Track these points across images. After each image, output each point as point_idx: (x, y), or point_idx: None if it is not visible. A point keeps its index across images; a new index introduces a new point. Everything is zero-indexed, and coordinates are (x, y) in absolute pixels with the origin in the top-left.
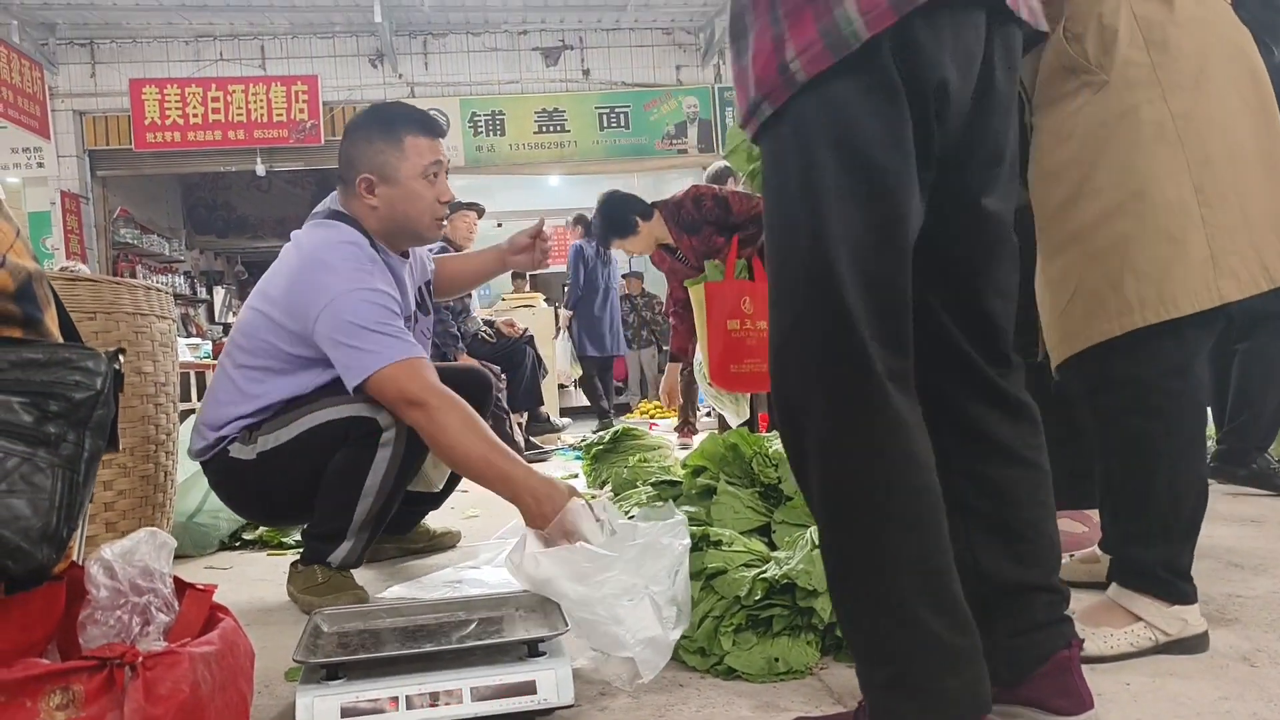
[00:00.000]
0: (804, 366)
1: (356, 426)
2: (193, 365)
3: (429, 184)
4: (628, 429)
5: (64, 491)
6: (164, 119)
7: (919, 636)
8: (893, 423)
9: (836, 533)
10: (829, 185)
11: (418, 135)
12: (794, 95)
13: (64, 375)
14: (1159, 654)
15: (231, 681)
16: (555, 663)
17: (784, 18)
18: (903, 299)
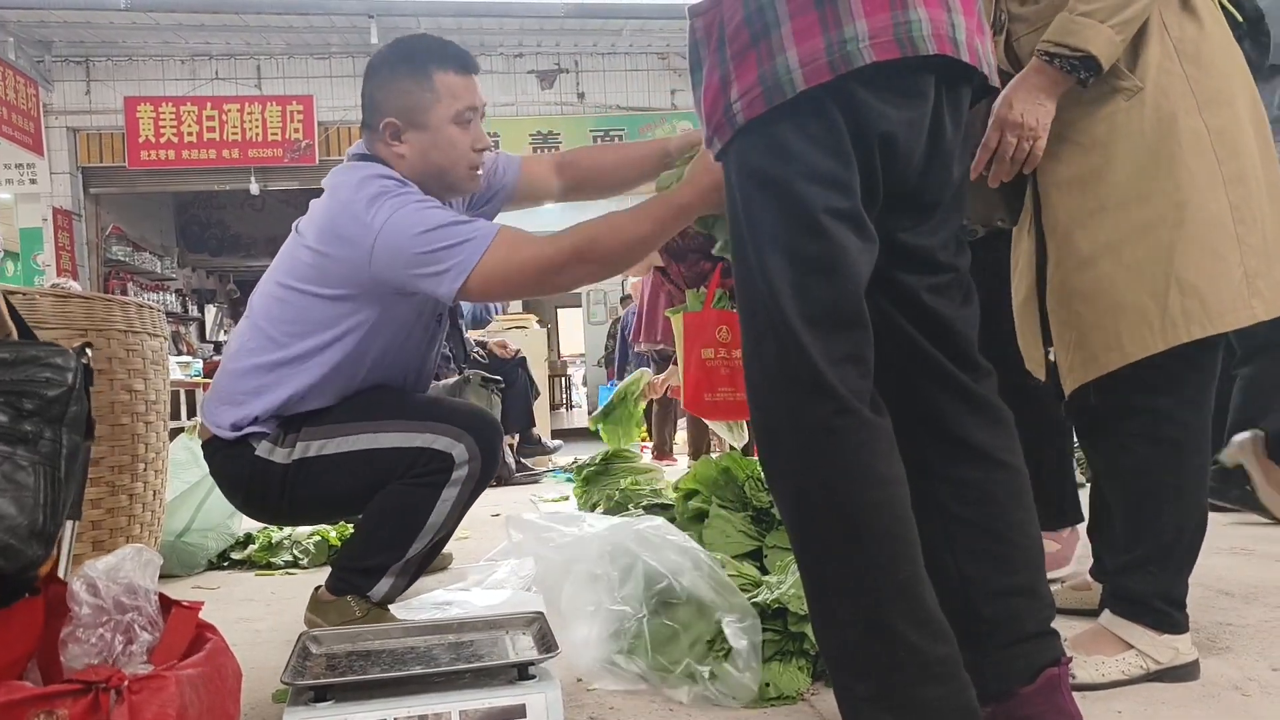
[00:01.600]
0: (768, 388)
1: (428, 460)
2: (183, 383)
3: (463, 130)
4: (619, 451)
5: (47, 488)
6: (158, 137)
7: (896, 648)
8: (853, 443)
9: (807, 549)
10: (766, 221)
11: (450, 72)
12: (736, 133)
13: (34, 373)
14: (1151, 682)
15: (219, 704)
16: (546, 686)
17: (731, 59)
18: (852, 322)
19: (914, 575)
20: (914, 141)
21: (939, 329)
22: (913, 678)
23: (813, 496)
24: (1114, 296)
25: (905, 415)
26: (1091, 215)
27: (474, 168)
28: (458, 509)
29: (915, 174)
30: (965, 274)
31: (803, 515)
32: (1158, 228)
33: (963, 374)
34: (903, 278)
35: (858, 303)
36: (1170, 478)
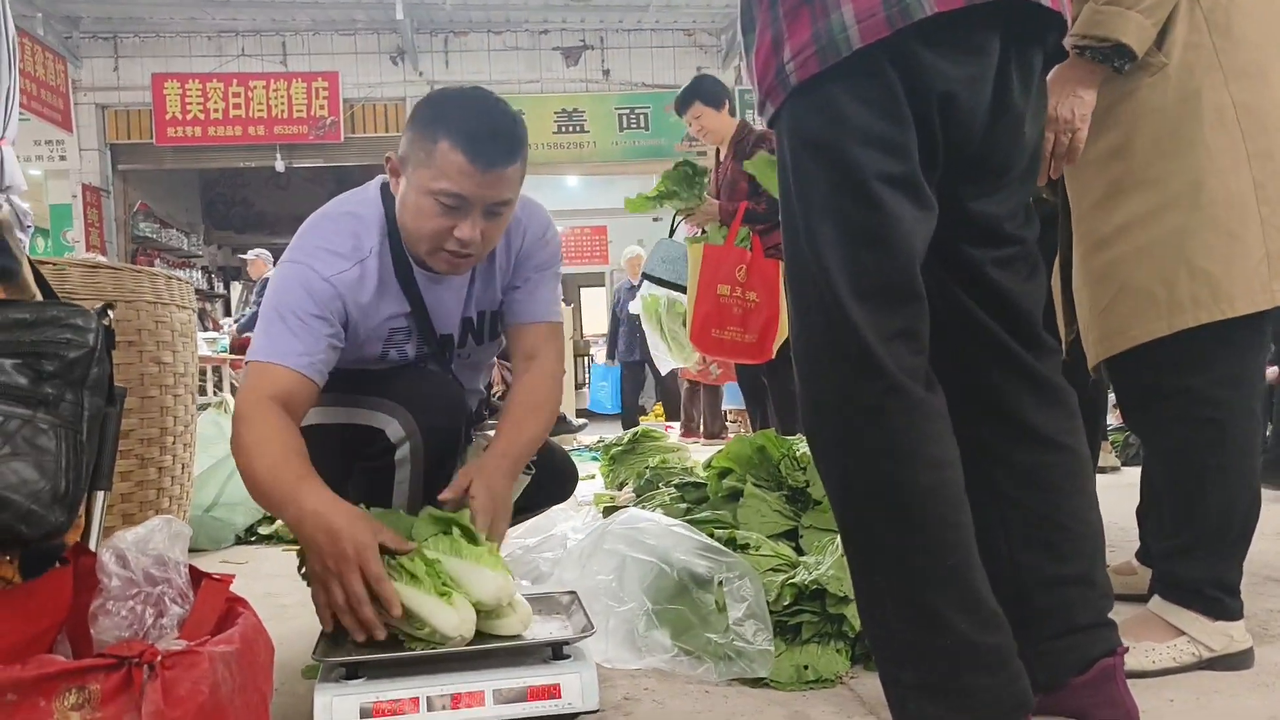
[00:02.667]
0: (814, 364)
1: (361, 440)
2: (209, 359)
3: (441, 209)
4: (646, 431)
5: (69, 452)
6: (185, 114)
7: (944, 636)
8: (903, 423)
9: (854, 532)
10: (819, 187)
11: (458, 151)
12: (789, 96)
13: (54, 334)
14: (1202, 670)
15: (251, 681)
16: (580, 666)
17: (783, 17)
18: (906, 296)
19: (964, 561)
20: (977, 100)
21: (1001, 304)
22: (961, 666)
23: (859, 478)
24: (1125, 279)
25: (961, 393)
26: (1110, 196)
27: (445, 249)
28: (419, 485)
29: (979, 136)
30: (1033, 246)
31: (849, 497)
32: (1171, 209)
33: (1025, 351)
34: (966, 249)
35: (911, 275)
36: (1212, 458)
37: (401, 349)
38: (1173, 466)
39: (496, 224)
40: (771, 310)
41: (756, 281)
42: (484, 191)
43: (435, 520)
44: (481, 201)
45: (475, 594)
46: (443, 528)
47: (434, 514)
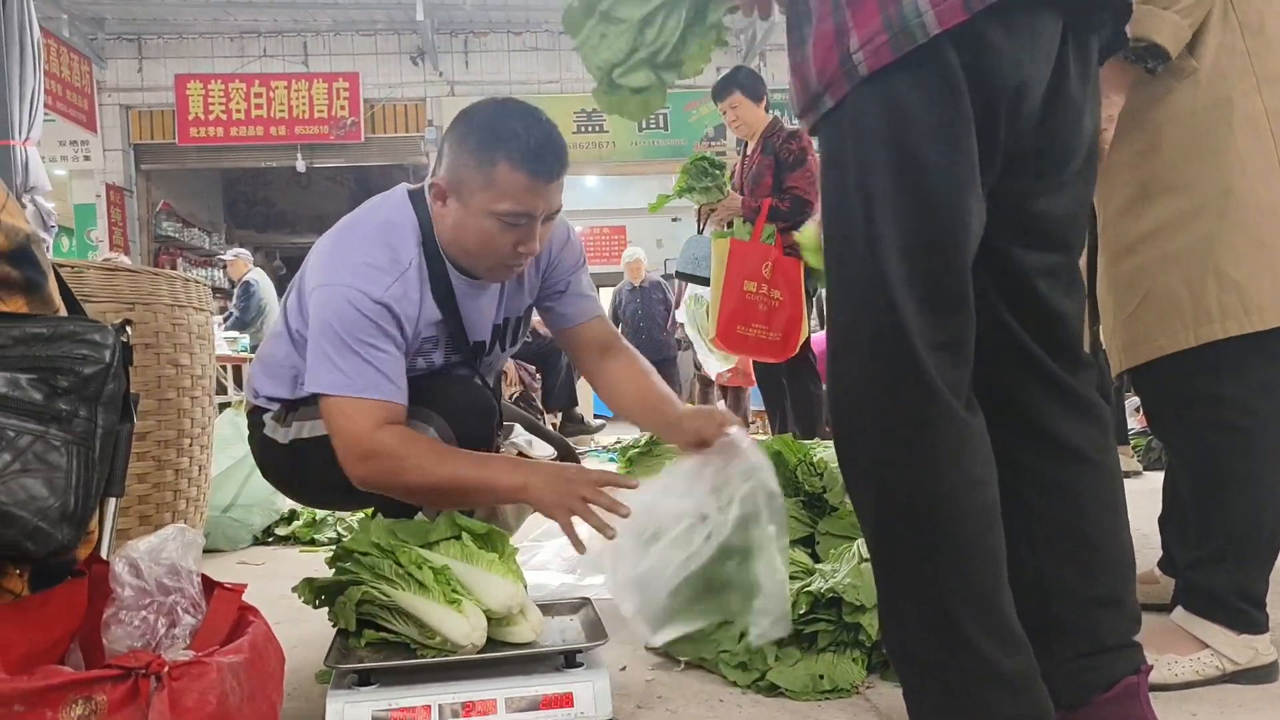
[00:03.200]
0: (856, 369)
1: None
2: (229, 359)
3: (505, 227)
4: None
5: (80, 469)
6: (207, 114)
7: (969, 659)
8: (945, 438)
9: (884, 547)
10: (883, 186)
11: (518, 169)
12: (853, 89)
13: (70, 349)
14: (1226, 683)
15: (260, 690)
16: (593, 674)
17: (846, 4)
18: (958, 305)
19: (996, 585)
20: (1038, 91)
21: (1043, 317)
22: (983, 688)
23: (897, 493)
24: (1151, 286)
25: (994, 403)
26: (1137, 201)
27: (509, 266)
28: None
29: (1041, 128)
30: (1076, 259)
31: (883, 511)
32: (1200, 216)
33: (1061, 367)
34: (1016, 255)
35: (966, 284)
36: (1241, 467)
37: (429, 357)
38: (1200, 475)
39: (549, 228)
40: (795, 309)
41: (780, 280)
42: (546, 203)
43: (447, 525)
44: (543, 213)
45: (486, 601)
46: (453, 533)
47: (448, 518)
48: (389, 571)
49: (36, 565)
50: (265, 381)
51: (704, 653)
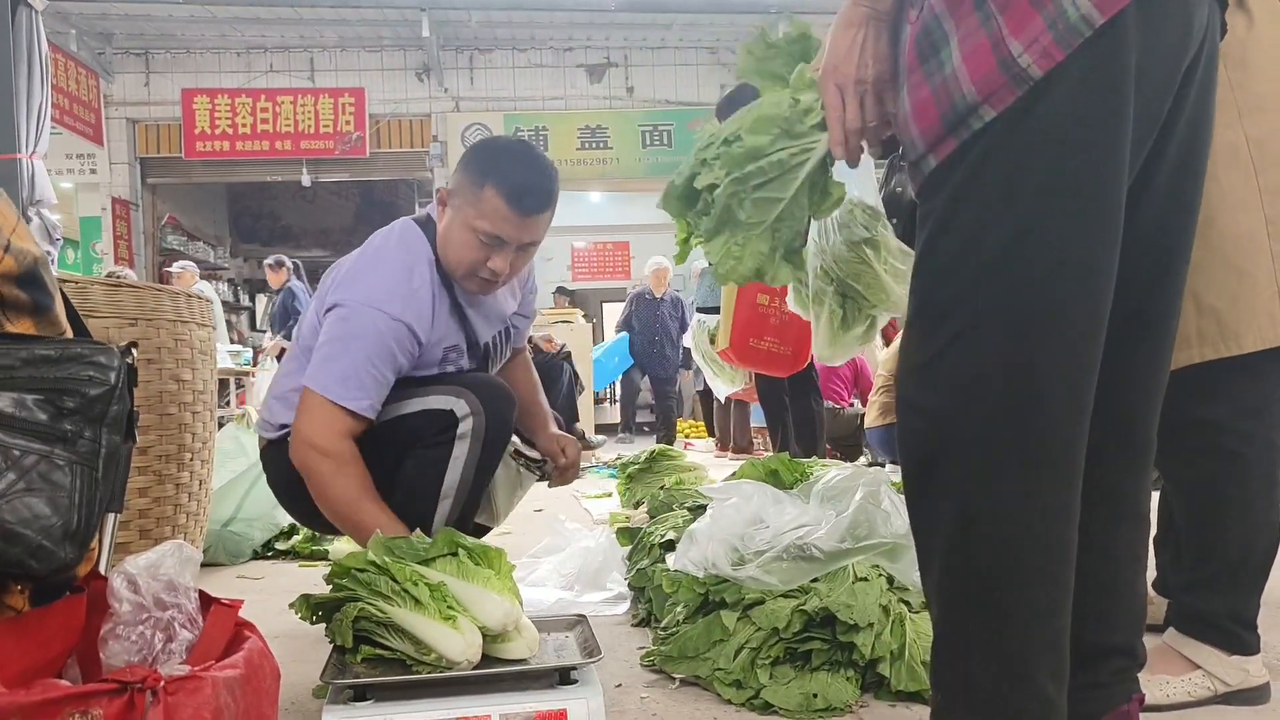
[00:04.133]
0: (950, 392)
1: (431, 421)
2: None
3: (480, 244)
4: (663, 450)
5: (84, 489)
6: (214, 128)
7: (1030, 698)
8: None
9: (954, 578)
10: (1044, 201)
11: (500, 197)
12: (1024, 94)
13: (77, 371)
14: (1218, 704)
15: (255, 706)
16: (588, 691)
17: (997, 13)
18: (1098, 330)
19: (1065, 626)
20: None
21: None
22: None
23: (983, 524)
24: None
25: None
26: None
27: (479, 277)
28: (472, 468)
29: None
30: None
31: (964, 542)
32: None
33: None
34: None
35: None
36: (1235, 491)
37: (457, 363)
38: (1193, 499)
39: (524, 258)
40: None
41: None
42: (518, 234)
43: (445, 543)
44: (515, 241)
45: (481, 618)
46: (450, 550)
47: (446, 535)
48: (385, 588)
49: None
50: (284, 412)
51: (699, 670)
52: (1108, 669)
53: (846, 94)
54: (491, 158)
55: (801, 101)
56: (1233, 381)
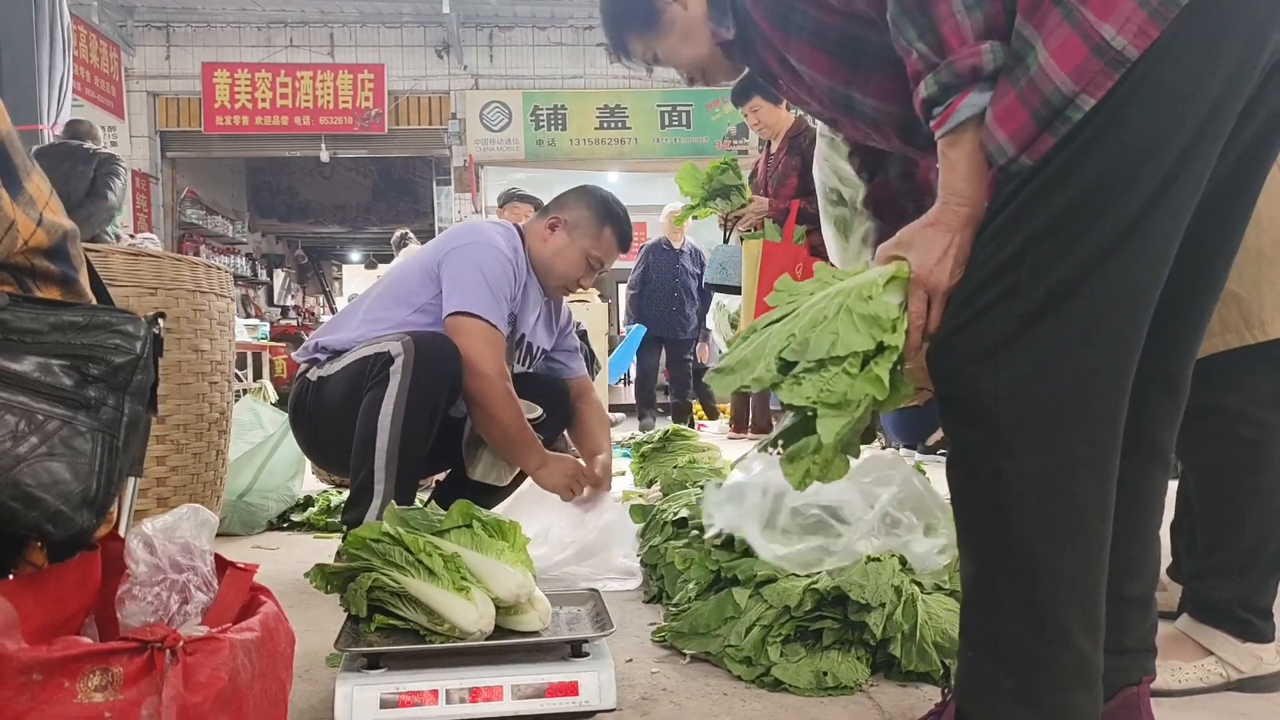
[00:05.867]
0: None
1: (375, 364)
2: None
3: (586, 266)
4: (677, 429)
5: (104, 456)
6: (234, 103)
7: (1064, 651)
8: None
9: (994, 532)
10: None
11: (614, 238)
12: (1122, 78)
13: (103, 339)
14: (1229, 691)
15: (271, 670)
16: (599, 665)
17: (1079, 4)
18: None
19: (1103, 578)
20: None
21: None
22: (1068, 682)
23: (1028, 479)
24: None
25: None
26: None
27: (564, 288)
28: (403, 396)
29: None
30: None
31: (1018, 494)
32: None
33: (1177, 361)
34: None
35: None
36: (1251, 480)
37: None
38: (1209, 487)
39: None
40: None
41: None
42: (610, 262)
43: (459, 514)
44: (609, 267)
45: (494, 590)
46: (465, 522)
47: (461, 507)
48: (399, 558)
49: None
50: (327, 335)
51: (709, 647)
52: (1130, 622)
53: (935, 302)
54: (610, 211)
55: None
56: (1250, 369)
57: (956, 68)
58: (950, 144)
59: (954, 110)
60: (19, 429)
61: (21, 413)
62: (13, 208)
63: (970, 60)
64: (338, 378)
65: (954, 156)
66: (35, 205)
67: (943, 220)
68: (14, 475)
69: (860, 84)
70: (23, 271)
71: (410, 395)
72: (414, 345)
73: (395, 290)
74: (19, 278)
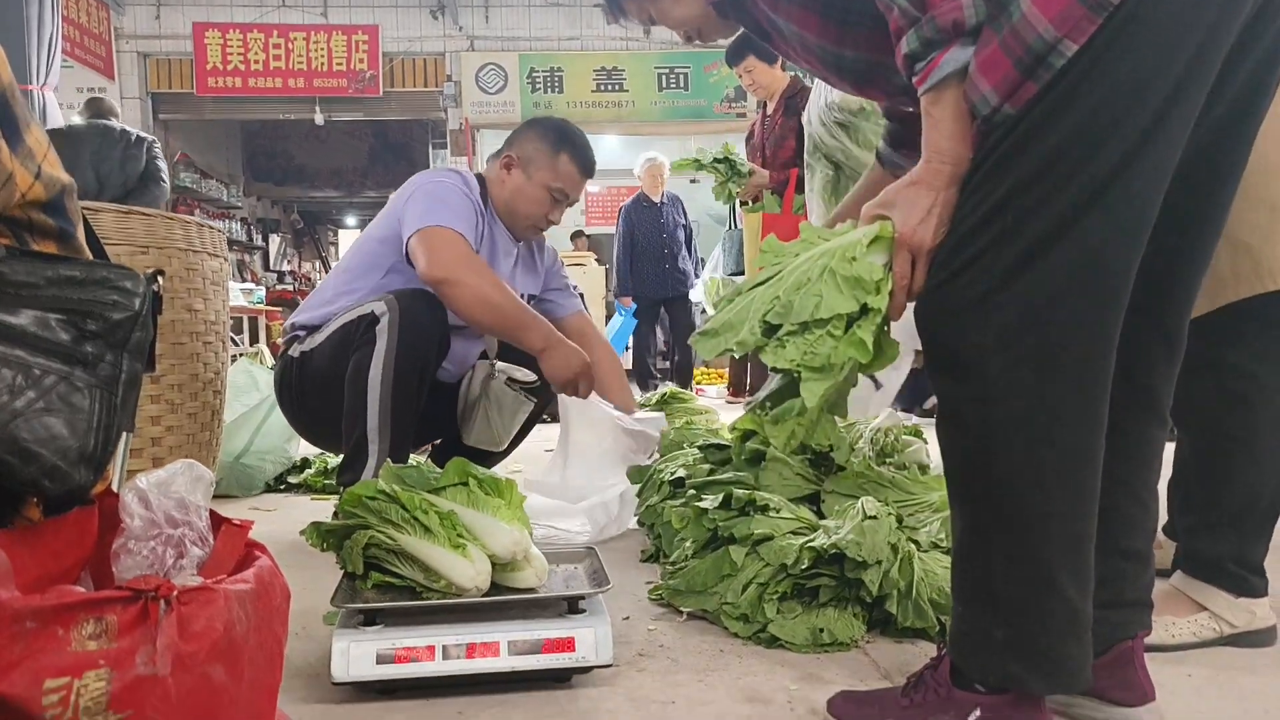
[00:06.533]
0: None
1: (359, 326)
2: (246, 310)
3: (550, 200)
4: (674, 392)
5: (102, 413)
6: (225, 64)
7: (1054, 601)
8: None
9: (986, 483)
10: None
11: (572, 164)
12: (1102, 24)
13: (101, 294)
14: (1223, 646)
15: (266, 623)
16: (595, 621)
17: None
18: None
19: (1091, 529)
20: None
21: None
22: (1059, 632)
23: (1015, 429)
24: None
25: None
26: None
27: (535, 227)
28: (392, 354)
29: None
30: None
31: (1004, 445)
32: None
33: (1173, 317)
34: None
35: None
36: (1242, 435)
37: None
38: (1200, 442)
39: (564, 210)
40: None
41: None
42: (577, 193)
43: (455, 472)
44: (575, 198)
45: (491, 547)
46: (461, 479)
47: (457, 465)
48: (395, 516)
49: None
50: (303, 314)
51: (706, 605)
52: (1128, 575)
53: (919, 262)
54: (563, 135)
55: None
56: (1242, 324)
57: (938, 22)
58: (933, 101)
59: (936, 65)
60: (16, 383)
61: (18, 367)
62: (11, 160)
63: (952, 14)
64: (322, 348)
65: (937, 114)
66: (34, 158)
67: (925, 179)
68: (11, 430)
69: (851, 41)
70: (19, 225)
71: (399, 352)
72: (397, 302)
73: (361, 259)
74: (16, 231)
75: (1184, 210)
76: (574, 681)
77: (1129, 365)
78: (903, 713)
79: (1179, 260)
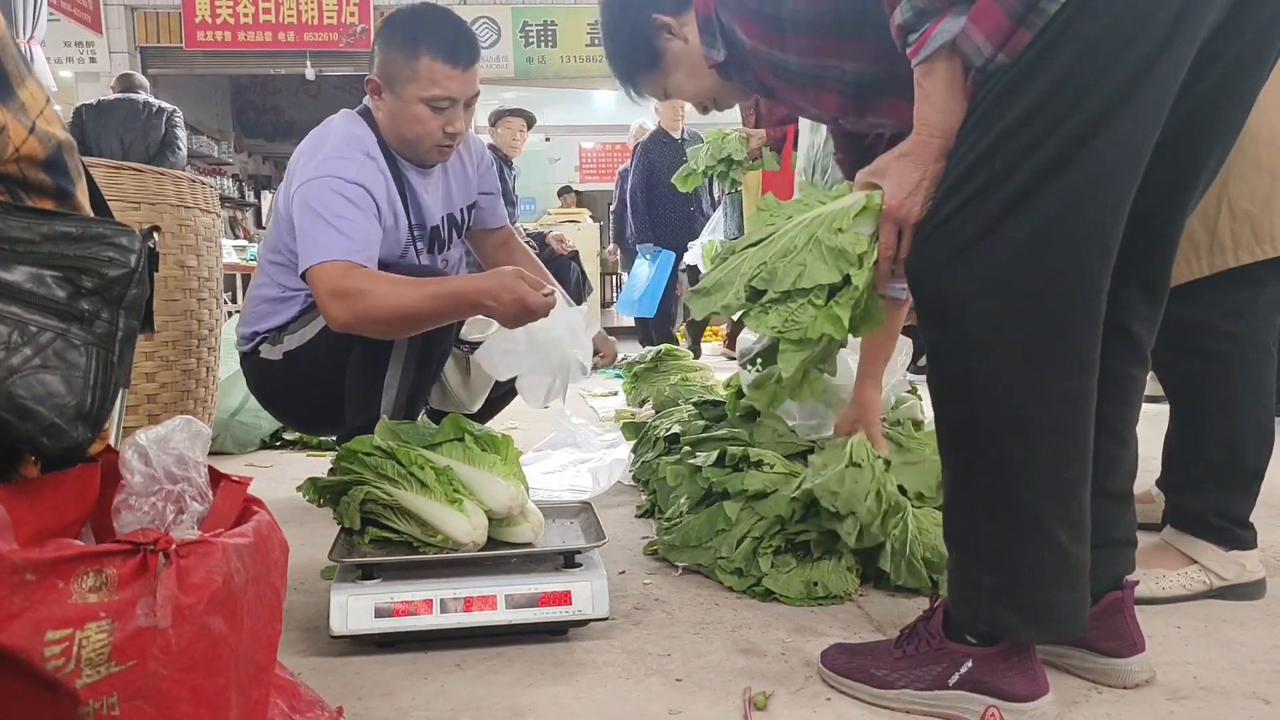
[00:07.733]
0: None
1: None
2: (239, 267)
3: (433, 113)
4: (670, 349)
5: (99, 370)
6: (215, 17)
7: (1042, 547)
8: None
9: (971, 431)
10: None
11: (436, 59)
12: None
13: (97, 251)
14: (1213, 599)
15: (264, 576)
16: (592, 575)
17: None
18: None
19: (1082, 474)
20: None
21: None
22: (1048, 579)
23: (999, 376)
24: None
25: None
26: None
27: (441, 146)
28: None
29: None
30: None
31: (987, 392)
32: None
33: (1157, 265)
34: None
35: None
36: (1220, 393)
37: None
38: (1181, 401)
39: (469, 115)
40: None
41: None
42: (464, 89)
43: (451, 427)
44: (462, 97)
45: (487, 502)
46: (457, 435)
47: (453, 420)
48: (392, 471)
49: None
50: (254, 322)
51: (701, 559)
52: (1111, 515)
53: (906, 232)
54: (412, 31)
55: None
56: (1210, 284)
57: None
58: (925, 73)
59: (929, 36)
60: (11, 340)
61: (14, 323)
62: (3, 112)
63: None
64: (316, 343)
65: (928, 86)
66: (28, 113)
67: (914, 152)
68: (7, 387)
69: (853, 53)
70: (14, 182)
71: (422, 355)
72: None
73: (283, 256)
74: (11, 188)
75: (1173, 166)
76: (570, 634)
77: (1111, 311)
78: (895, 664)
79: (1166, 212)
